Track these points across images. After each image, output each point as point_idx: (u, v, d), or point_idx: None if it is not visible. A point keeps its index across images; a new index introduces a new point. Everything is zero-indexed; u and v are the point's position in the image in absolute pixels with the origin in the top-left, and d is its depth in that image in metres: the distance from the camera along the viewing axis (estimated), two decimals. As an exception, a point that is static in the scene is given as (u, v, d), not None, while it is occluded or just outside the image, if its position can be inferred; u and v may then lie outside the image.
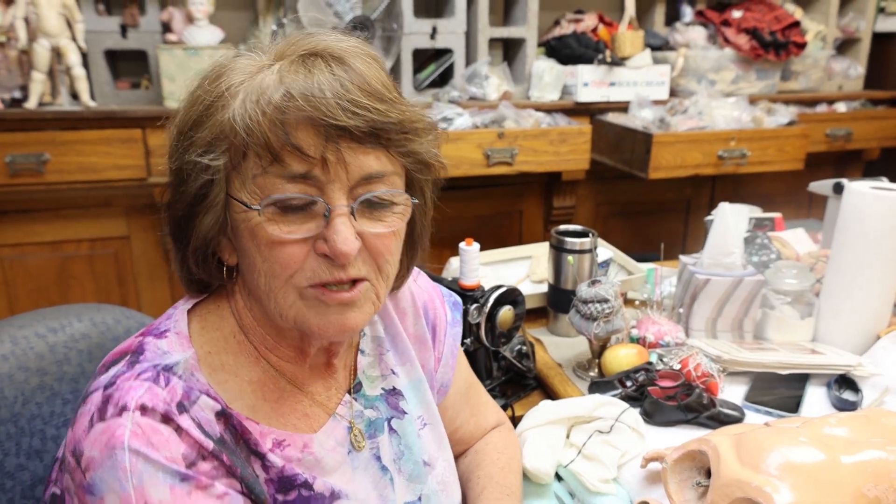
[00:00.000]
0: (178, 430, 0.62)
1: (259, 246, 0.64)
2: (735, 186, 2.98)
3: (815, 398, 1.20)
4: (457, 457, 0.99)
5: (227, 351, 0.71)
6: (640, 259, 1.76)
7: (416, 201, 0.71)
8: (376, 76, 0.65)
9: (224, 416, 0.66)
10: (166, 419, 0.61)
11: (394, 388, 0.84)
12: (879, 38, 3.09)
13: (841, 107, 2.87)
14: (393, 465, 0.80)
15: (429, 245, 0.84)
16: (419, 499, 0.81)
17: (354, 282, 0.66)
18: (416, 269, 0.89)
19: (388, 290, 0.72)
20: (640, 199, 2.88)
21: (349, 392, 0.80)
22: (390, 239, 0.68)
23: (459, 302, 0.97)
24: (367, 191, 0.65)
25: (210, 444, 0.63)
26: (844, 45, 3.07)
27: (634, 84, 2.54)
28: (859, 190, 1.29)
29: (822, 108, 2.84)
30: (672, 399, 1.10)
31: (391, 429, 0.82)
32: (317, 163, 0.62)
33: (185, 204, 0.66)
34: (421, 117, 0.70)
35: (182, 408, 0.63)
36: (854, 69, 2.99)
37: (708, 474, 0.81)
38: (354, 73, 0.64)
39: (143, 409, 0.61)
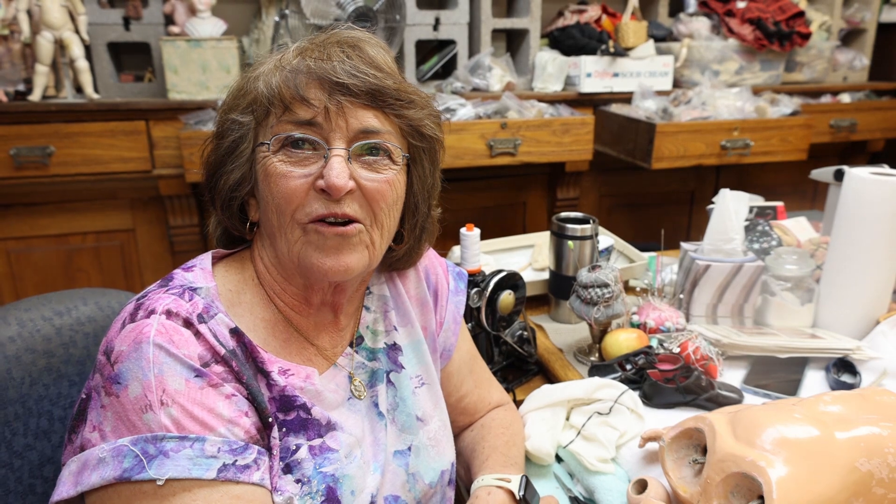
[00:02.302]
0: (197, 334, 0.70)
1: (269, 184, 0.74)
2: (739, 178, 2.97)
3: (814, 381, 1.20)
4: (463, 429, 1.04)
5: (246, 291, 0.80)
6: (641, 250, 1.76)
7: (407, 155, 0.80)
8: (382, 57, 0.78)
9: (237, 334, 0.74)
10: (188, 324, 0.70)
11: (395, 344, 0.92)
12: (884, 29, 3.07)
13: (845, 98, 2.85)
14: (388, 414, 0.88)
15: (438, 228, 0.91)
16: (409, 449, 0.89)
17: (350, 222, 0.74)
18: None
19: (384, 241, 0.80)
20: (644, 190, 2.88)
21: (351, 345, 0.88)
22: (384, 187, 0.76)
23: (464, 273, 1.03)
24: (364, 140, 0.75)
25: (223, 351, 0.71)
26: (849, 36, 3.05)
27: (638, 75, 2.54)
28: (860, 175, 1.29)
29: (826, 99, 2.83)
30: (671, 381, 1.11)
31: (389, 381, 0.90)
32: (320, 112, 0.73)
33: (220, 154, 0.79)
34: (417, 92, 0.80)
35: (201, 318, 0.72)
36: (859, 60, 2.97)
37: (704, 452, 0.82)
38: (363, 52, 0.76)
39: (169, 314, 0.70)
